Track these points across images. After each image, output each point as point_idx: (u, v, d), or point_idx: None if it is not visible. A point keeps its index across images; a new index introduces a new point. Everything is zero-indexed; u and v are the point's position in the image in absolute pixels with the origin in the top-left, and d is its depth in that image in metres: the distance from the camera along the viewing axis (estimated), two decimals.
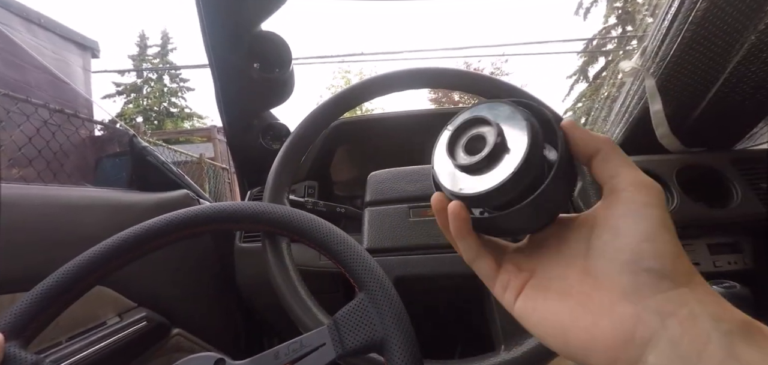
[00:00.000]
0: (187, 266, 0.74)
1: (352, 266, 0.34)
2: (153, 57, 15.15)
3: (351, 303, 0.32)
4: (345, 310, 0.32)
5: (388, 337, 0.30)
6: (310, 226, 0.36)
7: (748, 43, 0.62)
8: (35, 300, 0.31)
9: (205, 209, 0.37)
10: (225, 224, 0.38)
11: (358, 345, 0.30)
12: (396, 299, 0.32)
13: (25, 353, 0.30)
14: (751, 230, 0.66)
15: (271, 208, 0.38)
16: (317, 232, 0.36)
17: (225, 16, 0.65)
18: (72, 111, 2.24)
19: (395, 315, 0.31)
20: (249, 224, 0.39)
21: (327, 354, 0.30)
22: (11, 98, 2.11)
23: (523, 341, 0.42)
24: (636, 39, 9.12)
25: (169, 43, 15.02)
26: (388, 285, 0.33)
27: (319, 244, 0.36)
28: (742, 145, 0.81)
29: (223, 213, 0.37)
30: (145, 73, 14.74)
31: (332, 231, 0.36)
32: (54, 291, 0.32)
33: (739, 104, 0.70)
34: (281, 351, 0.30)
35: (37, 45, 4.36)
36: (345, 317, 0.32)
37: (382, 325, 0.31)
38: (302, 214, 0.37)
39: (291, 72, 0.75)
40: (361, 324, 0.31)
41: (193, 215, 0.36)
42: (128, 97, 14.37)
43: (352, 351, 0.30)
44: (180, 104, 14.83)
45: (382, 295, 0.32)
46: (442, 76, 0.56)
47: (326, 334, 0.31)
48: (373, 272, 0.33)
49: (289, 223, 0.37)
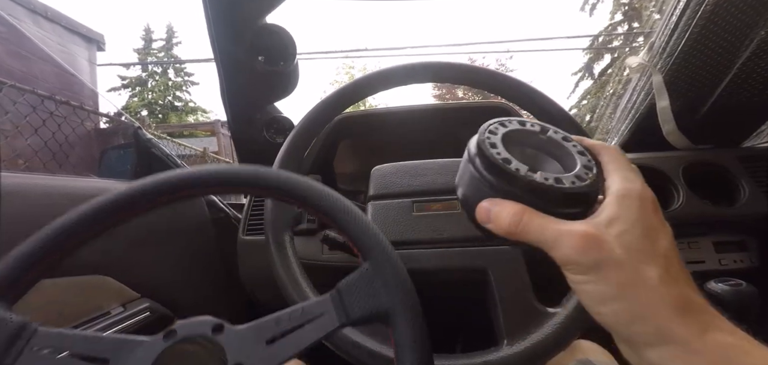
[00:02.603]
0: (189, 258, 0.75)
1: (357, 235, 0.33)
2: (158, 51, 15.18)
3: (355, 272, 0.31)
4: (349, 279, 0.31)
5: (393, 307, 0.30)
6: (314, 193, 0.34)
7: (758, 38, 0.61)
8: (19, 257, 0.30)
9: (202, 170, 0.35)
10: (222, 188, 0.36)
11: (362, 315, 0.30)
12: (402, 269, 0.31)
13: (9, 313, 0.28)
14: (757, 229, 0.65)
15: (273, 172, 0.36)
16: (321, 200, 0.34)
17: (230, 9, 0.65)
18: (77, 103, 2.25)
19: (401, 285, 0.30)
20: (248, 188, 0.37)
21: (329, 322, 0.29)
22: (18, 89, 2.13)
23: (525, 336, 0.41)
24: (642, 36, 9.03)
25: (174, 37, 15.05)
26: (393, 255, 0.32)
27: (323, 212, 0.34)
28: (750, 142, 0.80)
29: (221, 176, 0.35)
30: (150, 66, 14.78)
31: (337, 199, 0.34)
32: (37, 251, 0.30)
33: (747, 101, 0.69)
34: (282, 318, 0.29)
35: (43, 37, 4.39)
36: (349, 286, 0.31)
37: (388, 295, 0.30)
38: (306, 180, 0.35)
39: (295, 65, 0.75)
40: (366, 294, 0.30)
41: (189, 176, 0.34)
42: (133, 90, 14.42)
43: (355, 320, 0.29)
44: (184, 98, 14.87)
45: (387, 265, 0.31)
46: (446, 71, 0.55)
47: (329, 303, 0.30)
48: (378, 242, 0.32)
49: (293, 189, 0.35)
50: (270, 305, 0.35)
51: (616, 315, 0.21)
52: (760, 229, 0.65)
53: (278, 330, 0.28)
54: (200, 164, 4.47)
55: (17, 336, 0.27)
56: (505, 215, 0.24)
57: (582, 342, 0.51)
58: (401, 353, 0.28)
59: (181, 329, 0.28)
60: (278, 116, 0.85)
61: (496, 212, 0.24)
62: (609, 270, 0.21)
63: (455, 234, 0.50)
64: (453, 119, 0.96)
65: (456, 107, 0.97)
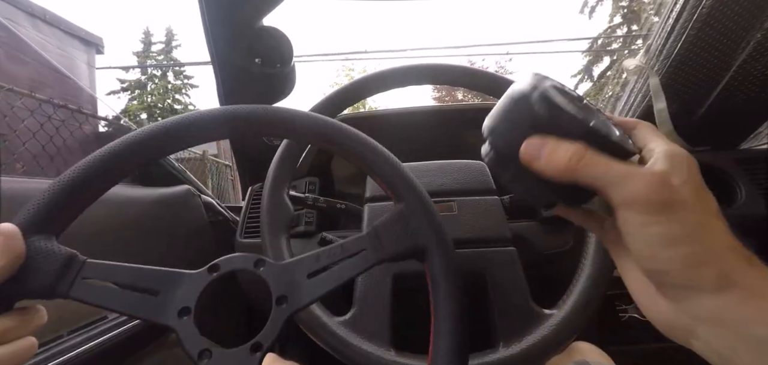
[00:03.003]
0: (187, 261, 0.75)
1: (390, 177, 0.34)
2: (157, 54, 15.19)
3: (389, 213, 0.33)
4: (384, 219, 0.32)
5: (429, 244, 0.31)
6: (346, 134, 0.35)
7: (754, 41, 0.61)
8: (62, 185, 0.29)
9: (220, 110, 0.34)
10: (241, 127, 0.34)
11: (400, 251, 0.31)
12: (434, 209, 0.33)
13: (57, 245, 0.28)
14: (755, 230, 0.65)
15: (305, 114, 0.35)
16: (351, 141, 0.35)
17: (227, 11, 0.65)
18: (76, 107, 2.25)
19: (435, 223, 0.32)
20: (278, 130, 0.35)
21: (369, 258, 0.31)
22: (15, 93, 2.13)
23: (522, 338, 0.41)
24: (641, 38, 9.05)
25: (173, 40, 15.06)
26: (426, 196, 0.33)
27: (354, 155, 0.35)
28: (747, 144, 0.80)
29: (237, 115, 0.34)
30: (150, 70, 14.79)
31: (368, 141, 0.35)
32: (86, 177, 0.29)
33: (744, 103, 0.70)
34: (322, 255, 0.30)
35: (41, 41, 4.39)
36: (385, 226, 0.32)
37: (423, 233, 0.31)
38: (337, 123, 0.35)
39: (292, 67, 0.75)
40: (402, 232, 0.32)
41: (214, 115, 0.34)
42: (132, 93, 14.42)
43: (393, 256, 0.31)
44: (184, 101, 14.88)
45: (420, 206, 0.32)
46: (445, 73, 0.55)
47: (367, 241, 0.31)
48: (411, 184, 0.34)
49: (324, 131, 0.35)
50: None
51: (682, 258, 0.20)
52: (759, 230, 0.65)
53: (318, 264, 0.30)
54: (200, 168, 4.47)
55: (68, 265, 0.27)
56: (563, 151, 0.22)
57: (579, 344, 0.51)
58: (436, 286, 0.30)
59: (224, 264, 0.30)
60: None
61: (551, 148, 0.23)
62: (680, 211, 0.20)
63: (452, 236, 0.50)
64: (452, 120, 0.96)
65: (455, 108, 0.97)
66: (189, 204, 0.78)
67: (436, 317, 0.30)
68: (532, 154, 0.24)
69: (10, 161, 2.05)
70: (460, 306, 0.30)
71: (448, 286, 0.30)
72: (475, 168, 0.56)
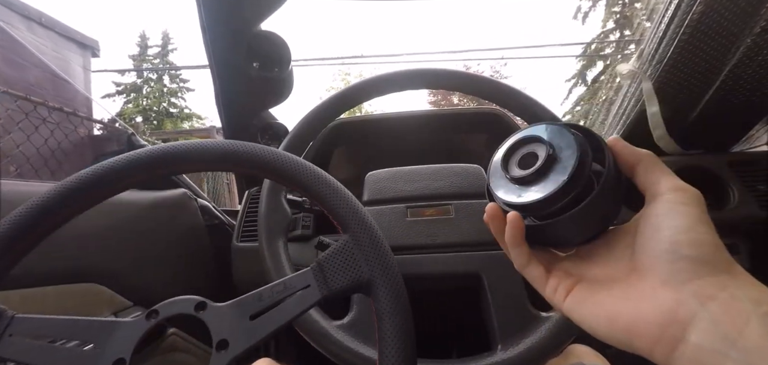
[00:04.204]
0: (183, 265, 0.74)
1: (336, 208, 0.32)
2: (153, 57, 15.13)
3: (335, 244, 0.31)
4: (329, 252, 0.31)
5: (374, 277, 0.30)
6: (294, 167, 0.34)
7: (744, 46, 0.62)
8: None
9: (171, 147, 0.34)
10: (195, 165, 0.35)
11: (344, 286, 0.30)
12: (381, 240, 0.31)
13: None
14: (748, 232, 0.66)
15: (249, 146, 0.34)
16: (301, 174, 0.34)
17: (225, 16, 0.65)
18: (71, 110, 2.24)
19: (381, 255, 0.30)
20: (222, 164, 0.35)
21: (312, 294, 0.29)
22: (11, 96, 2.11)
23: (520, 340, 0.42)
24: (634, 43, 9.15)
25: (169, 43, 15.00)
26: (373, 226, 0.32)
27: (303, 187, 0.34)
28: (739, 147, 0.81)
29: (194, 152, 0.34)
30: (145, 73, 14.71)
31: (315, 172, 0.34)
32: (13, 233, 0.29)
33: (735, 107, 0.71)
34: (265, 294, 0.29)
35: (37, 43, 4.36)
36: (329, 259, 0.31)
37: (368, 266, 0.30)
38: (285, 155, 0.35)
39: (290, 71, 0.75)
40: (346, 265, 0.30)
41: (158, 154, 0.33)
42: (128, 96, 14.34)
43: (337, 291, 0.30)
44: (180, 105, 14.80)
45: (366, 236, 0.31)
46: (441, 78, 0.56)
47: (310, 276, 0.30)
48: (357, 214, 0.32)
49: (269, 164, 0.34)
50: None
51: (711, 235, 0.22)
52: (750, 232, 0.66)
53: (261, 305, 0.29)
54: None
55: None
56: (637, 150, 0.26)
57: (576, 346, 0.51)
58: (382, 321, 0.28)
59: (163, 309, 0.28)
60: (273, 122, 0.85)
61: None
62: (704, 213, 0.23)
63: (449, 239, 0.51)
64: (448, 125, 0.97)
65: (451, 113, 0.98)
66: (185, 208, 0.78)
67: (380, 354, 0.28)
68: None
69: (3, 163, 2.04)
70: (407, 344, 0.29)
71: (394, 325, 0.28)
72: (471, 172, 0.57)
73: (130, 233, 0.66)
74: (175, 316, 0.29)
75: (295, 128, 0.53)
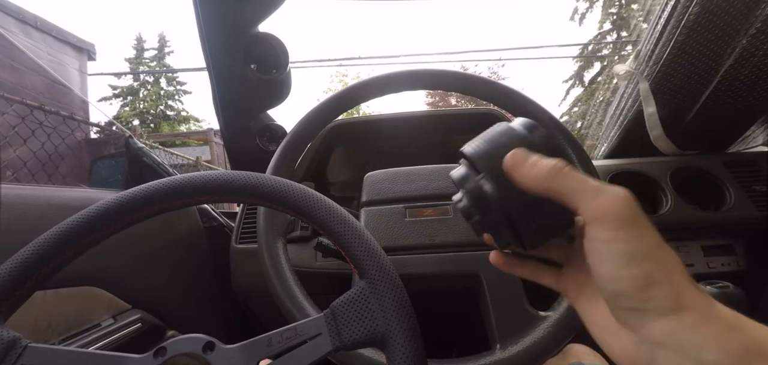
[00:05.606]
0: (182, 267, 0.74)
1: (354, 250, 0.31)
2: (150, 60, 15.10)
3: (350, 291, 0.30)
4: (344, 298, 0.30)
5: (390, 332, 0.28)
6: (309, 202, 0.33)
7: (740, 47, 0.63)
8: (12, 270, 0.28)
9: (193, 177, 0.33)
10: (214, 196, 0.35)
11: (357, 339, 0.28)
12: (401, 289, 0.30)
13: (4, 329, 0.27)
14: (744, 233, 0.66)
15: (268, 180, 0.34)
16: (317, 209, 0.32)
17: (222, 18, 0.65)
18: (68, 113, 2.23)
19: (399, 307, 0.28)
20: (241, 196, 0.35)
21: (323, 345, 0.28)
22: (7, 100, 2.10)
23: (518, 340, 0.42)
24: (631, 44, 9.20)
25: (166, 46, 14.99)
26: (392, 273, 0.30)
27: (318, 222, 0.32)
28: (735, 148, 0.82)
29: (213, 183, 0.33)
30: (142, 76, 14.69)
31: (333, 209, 0.32)
32: (33, 261, 0.29)
33: (731, 107, 0.71)
34: (274, 338, 0.28)
35: (33, 47, 4.34)
36: (343, 306, 0.29)
37: (384, 318, 0.28)
38: (301, 188, 0.34)
39: (288, 73, 0.75)
40: (361, 316, 0.29)
41: (180, 185, 0.33)
42: (125, 100, 14.31)
43: (350, 344, 0.28)
44: (177, 107, 14.78)
45: (385, 284, 0.29)
46: (439, 79, 0.56)
47: (323, 324, 0.29)
48: (376, 259, 0.30)
49: (286, 197, 0.33)
50: (262, 314, 0.34)
51: (640, 277, 0.21)
52: (747, 233, 0.66)
53: (270, 350, 0.27)
54: (193, 172, 4.43)
55: (6, 352, 0.26)
56: (544, 164, 0.24)
57: (574, 346, 0.52)
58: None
59: (171, 346, 0.28)
60: (271, 123, 0.85)
61: (534, 160, 0.25)
62: (642, 228, 0.21)
63: (448, 239, 0.51)
64: (445, 125, 0.97)
65: (448, 113, 0.98)
66: (183, 211, 0.77)
67: None
68: (516, 161, 0.25)
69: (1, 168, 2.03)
70: None
71: None
72: None
73: (129, 236, 0.66)
74: (183, 354, 0.28)
75: (293, 129, 0.53)
